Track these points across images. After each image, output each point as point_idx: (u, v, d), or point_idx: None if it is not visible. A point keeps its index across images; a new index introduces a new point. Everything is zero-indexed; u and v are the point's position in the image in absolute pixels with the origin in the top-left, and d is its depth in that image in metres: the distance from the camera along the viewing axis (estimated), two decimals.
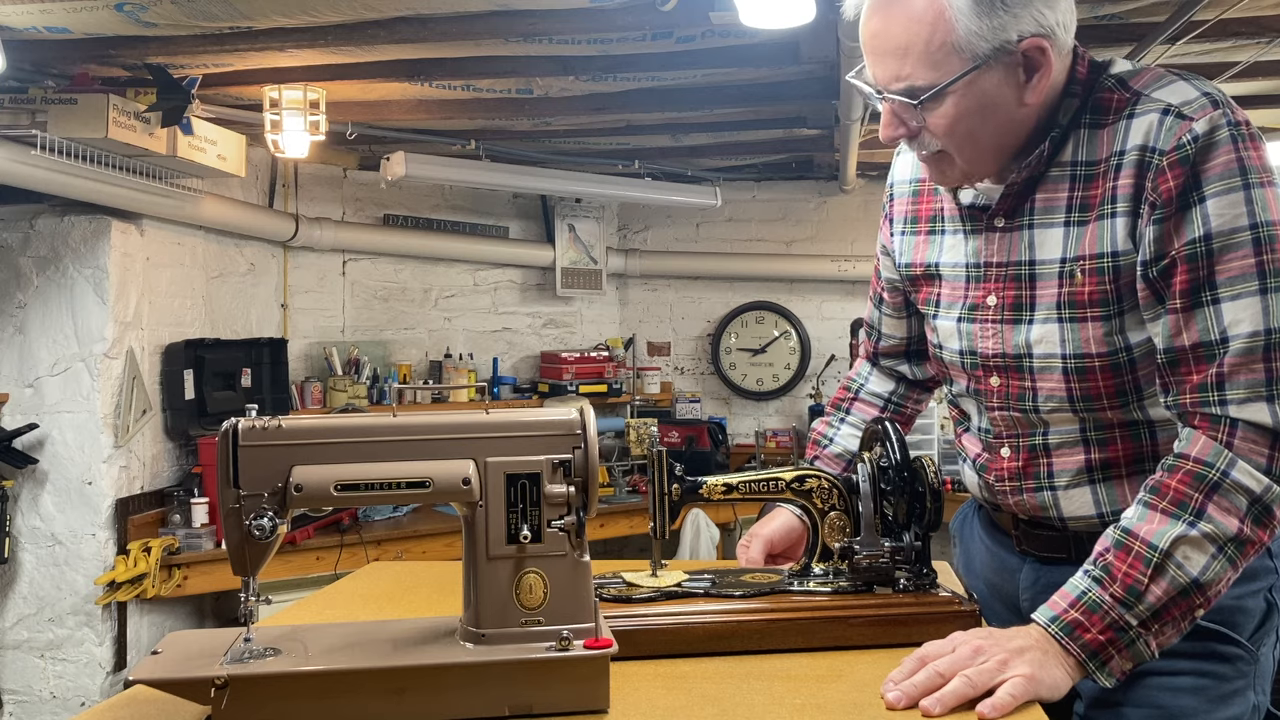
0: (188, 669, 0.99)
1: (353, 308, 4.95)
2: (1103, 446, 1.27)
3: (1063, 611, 1.13)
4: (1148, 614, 1.11)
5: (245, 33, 2.82)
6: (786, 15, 2.43)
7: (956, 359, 1.36)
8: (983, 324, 1.31)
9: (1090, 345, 1.22)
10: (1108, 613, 1.11)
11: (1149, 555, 1.11)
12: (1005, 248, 1.28)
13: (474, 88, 3.56)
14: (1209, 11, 2.60)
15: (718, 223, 5.56)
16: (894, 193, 1.48)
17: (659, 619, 1.22)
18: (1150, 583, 1.11)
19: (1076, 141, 1.22)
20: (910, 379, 1.62)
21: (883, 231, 1.52)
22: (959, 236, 1.35)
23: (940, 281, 1.38)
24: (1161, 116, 1.15)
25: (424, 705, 1.01)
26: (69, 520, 3.63)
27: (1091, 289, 1.21)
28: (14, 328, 3.65)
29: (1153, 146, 1.15)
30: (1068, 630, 1.12)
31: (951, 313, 1.36)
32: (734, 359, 5.54)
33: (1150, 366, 1.21)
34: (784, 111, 3.90)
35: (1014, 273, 1.28)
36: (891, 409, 1.61)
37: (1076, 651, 1.11)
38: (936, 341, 1.40)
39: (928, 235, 1.40)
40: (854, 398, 1.63)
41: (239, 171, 3.75)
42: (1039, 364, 1.26)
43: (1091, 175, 1.21)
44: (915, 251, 1.42)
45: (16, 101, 3.06)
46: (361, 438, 1.05)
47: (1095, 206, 1.20)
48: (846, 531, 1.33)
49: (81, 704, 3.63)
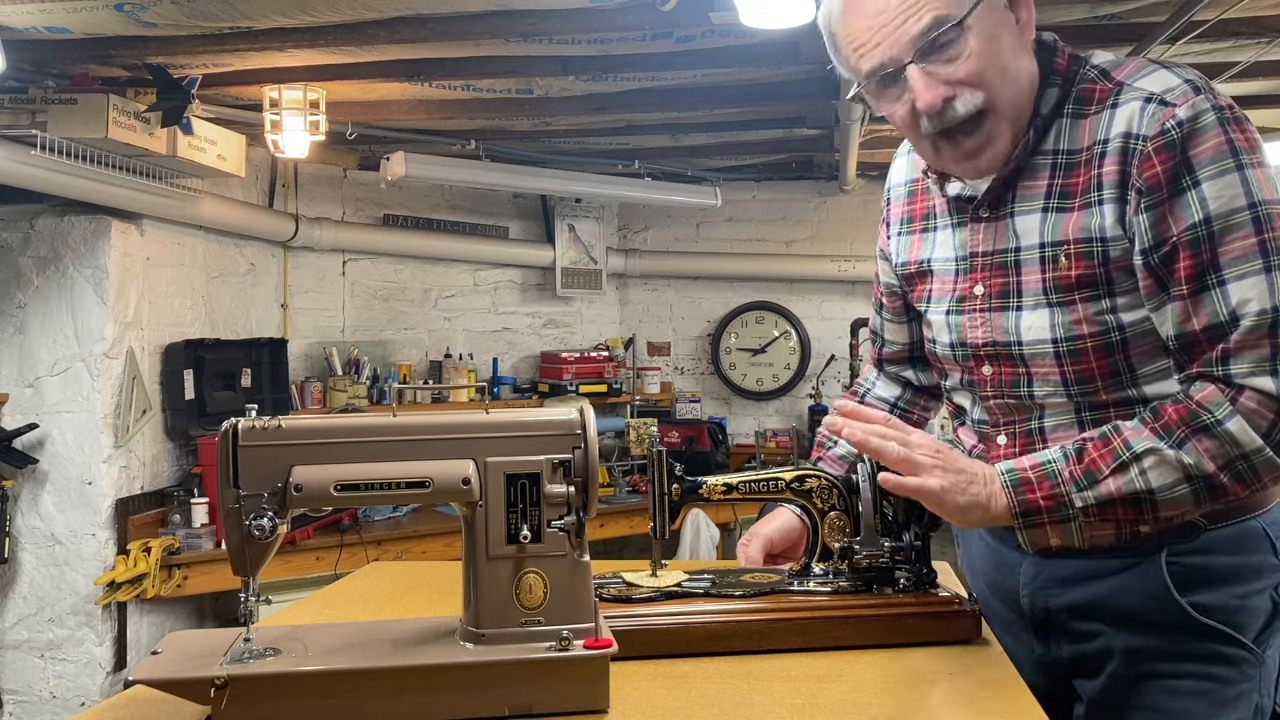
0: (188, 669, 0.99)
1: (353, 308, 4.95)
2: (1097, 426, 1.26)
3: (1020, 469, 1.20)
4: (1093, 501, 1.16)
5: (245, 33, 2.82)
6: (786, 15, 2.43)
7: (949, 352, 1.38)
8: (970, 314, 1.33)
9: (1082, 327, 1.23)
10: (1058, 485, 1.18)
11: (1120, 452, 1.16)
12: (990, 237, 1.30)
13: (474, 88, 3.56)
14: (1209, 11, 2.60)
15: (718, 223, 5.55)
16: (890, 196, 1.50)
17: (659, 619, 1.22)
18: (1110, 475, 1.16)
19: (1059, 130, 1.24)
20: (916, 385, 1.62)
21: (881, 236, 1.54)
22: (949, 231, 1.36)
23: (932, 277, 1.39)
24: (1144, 104, 1.17)
25: (424, 705, 1.01)
26: (69, 520, 3.63)
27: (1079, 272, 1.22)
28: (14, 328, 3.65)
29: (1136, 133, 1.16)
30: (1015, 483, 1.19)
31: (941, 306, 1.37)
32: (734, 359, 5.54)
33: (1144, 346, 1.22)
34: (784, 111, 3.90)
35: (999, 260, 1.29)
36: (898, 414, 1.60)
37: (1013, 503, 1.19)
38: (930, 337, 1.42)
39: (921, 233, 1.42)
40: (860, 401, 1.63)
41: (239, 171, 3.75)
42: (1030, 349, 1.27)
43: (1073, 164, 1.23)
44: (910, 250, 1.43)
45: (16, 101, 3.06)
46: (361, 438, 1.05)
47: (1078, 194, 1.22)
48: (846, 531, 1.33)
49: (81, 704, 3.63)
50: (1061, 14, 2.72)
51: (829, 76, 3.23)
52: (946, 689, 1.13)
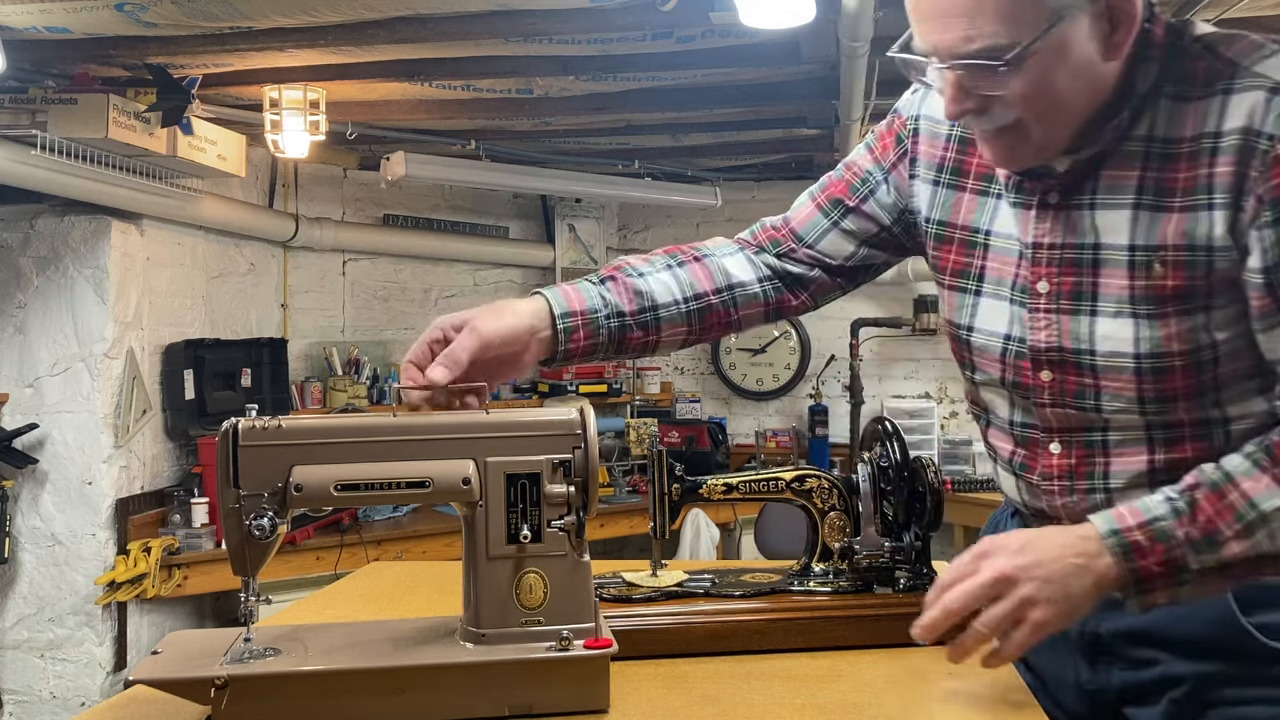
0: (188, 669, 0.99)
1: (353, 308, 4.95)
2: (1169, 446, 1.12)
3: (1127, 529, 1.03)
4: (1212, 565, 1.02)
5: (245, 33, 2.82)
6: (786, 15, 2.43)
7: (995, 345, 1.19)
8: (1034, 312, 1.14)
9: (1172, 344, 1.08)
10: (1174, 549, 1.01)
11: (1244, 511, 1.01)
12: (1061, 227, 1.12)
13: (474, 88, 3.56)
14: (1209, 11, 2.60)
15: (718, 223, 5.55)
16: (919, 128, 1.26)
17: (659, 619, 1.22)
18: (1233, 538, 1.01)
19: (1154, 115, 1.06)
20: (783, 297, 1.35)
21: (885, 159, 1.30)
22: (1012, 206, 1.17)
23: (986, 253, 1.19)
24: (1270, 96, 1.00)
25: (424, 705, 1.01)
26: (69, 520, 3.63)
27: (1176, 283, 1.06)
28: (14, 328, 3.65)
29: (1259, 130, 1.00)
30: (1125, 549, 1.02)
31: (1001, 290, 1.18)
32: (734, 359, 5.53)
33: (1237, 365, 1.09)
34: (784, 111, 3.90)
35: (1072, 257, 1.12)
36: (725, 297, 1.32)
37: (1124, 573, 1.02)
38: (965, 321, 1.22)
39: (978, 195, 1.20)
40: (697, 259, 1.33)
41: (239, 171, 3.75)
42: (1104, 361, 1.11)
43: (1170, 155, 1.06)
44: (956, 209, 1.22)
45: (16, 101, 3.06)
46: (362, 437, 1.05)
47: (1180, 192, 1.05)
48: (846, 531, 1.33)
49: (81, 704, 3.63)
50: None
51: (829, 76, 3.23)
52: (946, 689, 1.13)
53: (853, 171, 1.33)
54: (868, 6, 2.36)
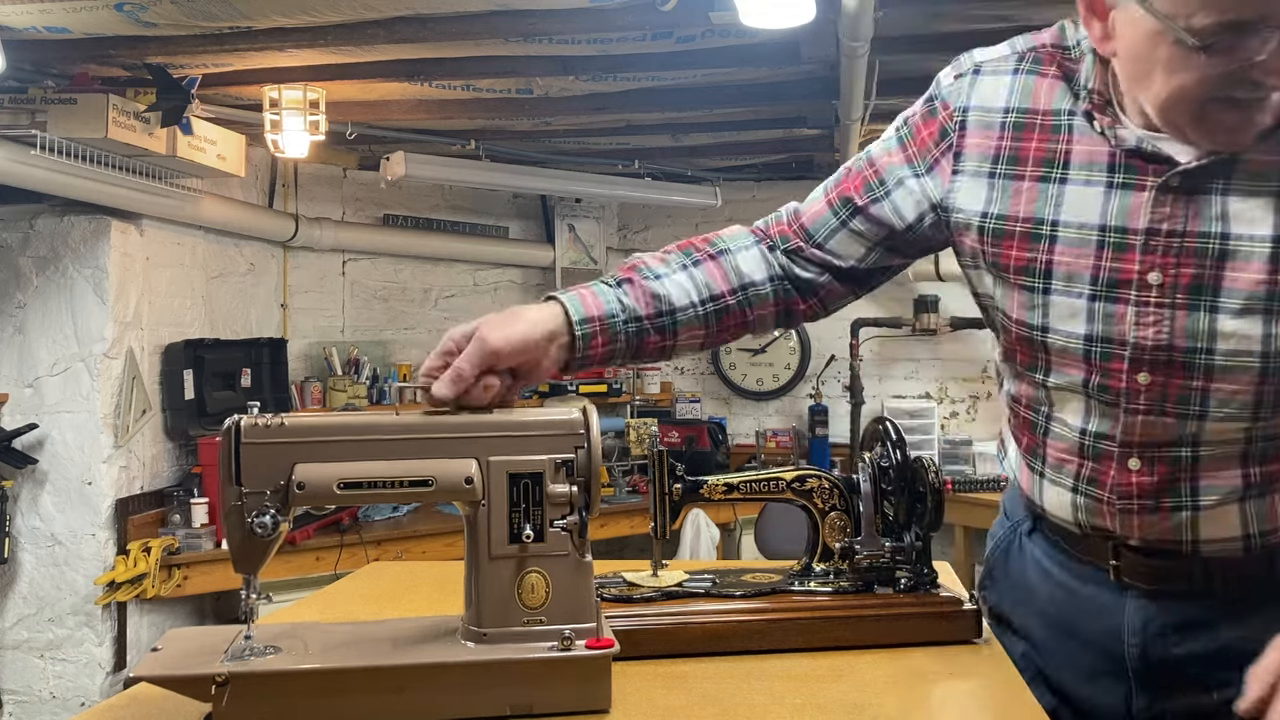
0: (188, 666, 0.99)
1: (352, 308, 4.95)
2: (1266, 460, 1.07)
3: None
4: None
5: (245, 33, 2.82)
6: (786, 15, 2.43)
7: (1077, 345, 1.09)
8: (1141, 307, 1.05)
9: None
10: None
11: None
12: (1182, 213, 1.03)
13: (474, 88, 3.56)
14: None
15: (718, 223, 5.50)
16: (967, 119, 1.16)
17: (660, 619, 1.22)
18: None
19: None
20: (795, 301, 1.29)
21: (923, 157, 1.21)
22: (1098, 189, 1.07)
23: (1054, 245, 1.09)
24: None
25: (424, 704, 1.01)
26: (69, 520, 3.63)
27: None
28: (14, 328, 3.65)
29: None
30: None
31: (1077, 286, 1.08)
32: (734, 359, 5.53)
33: None
34: (784, 111, 3.90)
35: (1196, 246, 1.03)
36: (740, 298, 1.26)
37: None
38: (1037, 322, 1.12)
39: (1039, 182, 1.11)
40: (712, 257, 1.27)
41: (239, 171, 3.76)
42: (1224, 361, 1.03)
43: None
44: (1016, 201, 1.12)
45: (16, 101, 3.07)
46: (364, 436, 1.05)
47: None
48: (847, 531, 1.33)
49: (81, 704, 3.63)
50: (1058, 13, 2.72)
51: (829, 76, 3.23)
52: (947, 689, 1.13)
53: (873, 169, 1.25)
54: (868, 6, 2.36)
